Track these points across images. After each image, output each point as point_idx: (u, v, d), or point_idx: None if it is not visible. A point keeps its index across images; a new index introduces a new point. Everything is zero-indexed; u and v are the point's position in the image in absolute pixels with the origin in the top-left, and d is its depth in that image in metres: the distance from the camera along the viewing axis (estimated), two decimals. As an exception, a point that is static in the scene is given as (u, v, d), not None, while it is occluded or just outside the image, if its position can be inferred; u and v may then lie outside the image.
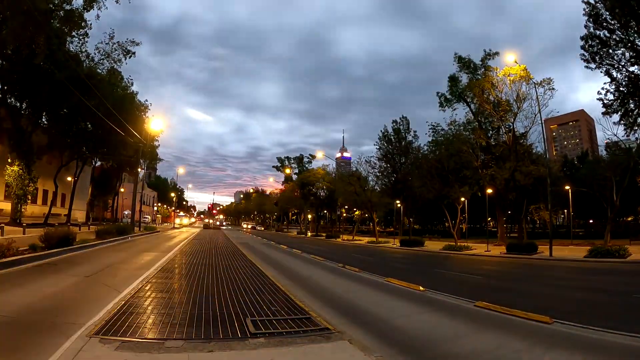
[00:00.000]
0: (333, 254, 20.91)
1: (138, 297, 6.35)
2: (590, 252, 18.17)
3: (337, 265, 14.48)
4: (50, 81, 24.91)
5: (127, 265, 10.76)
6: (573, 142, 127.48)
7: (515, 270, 14.79)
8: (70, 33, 25.35)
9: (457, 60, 30.46)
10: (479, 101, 27.13)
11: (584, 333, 5.36)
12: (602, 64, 24.07)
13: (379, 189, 44.40)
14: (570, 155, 65.33)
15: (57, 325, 4.66)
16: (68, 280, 7.74)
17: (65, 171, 37.40)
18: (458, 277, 12.76)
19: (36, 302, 5.80)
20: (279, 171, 76.25)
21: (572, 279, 12.40)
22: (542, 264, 17.65)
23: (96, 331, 4.38)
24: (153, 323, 4.91)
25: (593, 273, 13.83)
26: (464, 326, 5.76)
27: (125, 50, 28.79)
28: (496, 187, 27.01)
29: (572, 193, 29.29)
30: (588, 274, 13.58)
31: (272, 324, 5.15)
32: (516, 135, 26.35)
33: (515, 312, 6.41)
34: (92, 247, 14.50)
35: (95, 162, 43.96)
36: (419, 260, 19.55)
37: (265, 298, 6.88)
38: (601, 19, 23.30)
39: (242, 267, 11.71)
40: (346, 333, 4.92)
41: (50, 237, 11.72)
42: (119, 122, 25.93)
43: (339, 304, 7.28)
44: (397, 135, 39.14)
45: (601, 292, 9.62)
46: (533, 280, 12.29)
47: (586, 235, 31.48)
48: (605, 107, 24.84)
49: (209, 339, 4.41)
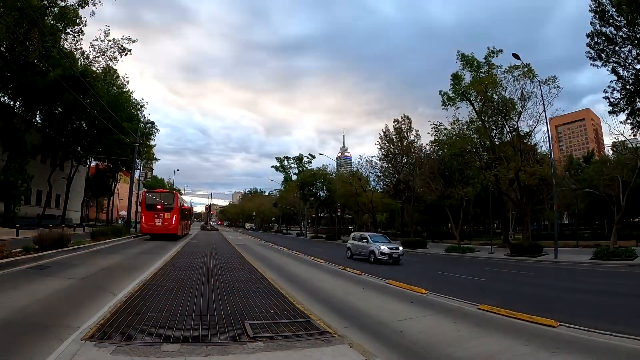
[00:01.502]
0: (333, 256, 20.90)
1: (134, 300, 6.34)
2: (596, 253, 18.18)
3: (337, 267, 14.49)
4: (45, 79, 24.92)
5: (123, 268, 10.76)
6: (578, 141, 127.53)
7: (519, 272, 14.78)
8: (65, 30, 25.36)
9: (460, 57, 30.39)
10: (483, 100, 27.12)
11: (589, 337, 5.36)
12: (609, 61, 24.10)
13: (380, 189, 44.40)
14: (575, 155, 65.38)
15: (51, 328, 4.65)
16: (62, 283, 7.73)
17: (59, 171, 37.41)
18: (461, 279, 12.76)
19: (30, 304, 5.79)
20: (278, 171, 76.39)
21: (578, 282, 12.40)
22: (547, 266, 17.66)
23: (91, 335, 4.38)
24: (149, 326, 4.90)
25: (599, 275, 13.84)
26: (467, 329, 5.76)
27: (121, 47, 28.79)
28: (500, 187, 27.01)
29: (577, 193, 29.30)
30: (594, 276, 13.58)
31: (271, 327, 5.15)
32: (520, 134, 26.35)
33: (519, 315, 6.42)
34: (87, 249, 14.48)
35: (90, 161, 43.94)
36: (421, 262, 19.55)
37: (264, 301, 6.88)
38: (607, 15, 23.33)
39: (241, 269, 11.70)
40: (347, 337, 4.91)
41: (44, 239, 11.71)
42: (114, 120, 25.94)
43: (339, 307, 7.28)
44: (398, 134, 39.08)
45: (607, 295, 9.63)
46: (538, 282, 12.28)
47: (592, 236, 31.43)
48: (611, 106, 24.87)
49: (207, 342, 4.40)
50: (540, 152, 29.67)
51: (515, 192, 26.52)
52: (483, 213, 45.42)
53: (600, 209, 30.35)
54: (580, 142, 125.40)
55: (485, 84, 25.65)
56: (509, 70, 25.19)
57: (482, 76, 27.54)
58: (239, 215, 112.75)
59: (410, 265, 17.62)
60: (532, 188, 25.64)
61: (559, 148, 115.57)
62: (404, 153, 38.43)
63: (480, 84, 26.09)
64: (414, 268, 16.61)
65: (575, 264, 17.46)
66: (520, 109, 25.45)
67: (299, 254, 21.07)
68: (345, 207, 49.13)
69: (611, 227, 23.85)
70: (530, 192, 26.23)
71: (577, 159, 53.49)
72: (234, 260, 14.42)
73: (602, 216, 34.49)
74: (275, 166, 76.25)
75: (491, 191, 28.91)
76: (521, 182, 24.51)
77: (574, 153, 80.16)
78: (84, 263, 10.89)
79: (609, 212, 24.39)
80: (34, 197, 33.99)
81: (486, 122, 28.45)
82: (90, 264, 10.85)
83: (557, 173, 28.45)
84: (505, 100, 25.82)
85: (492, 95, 26.40)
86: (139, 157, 37.63)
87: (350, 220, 60.20)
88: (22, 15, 20.50)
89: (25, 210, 30.99)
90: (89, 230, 21.65)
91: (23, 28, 21.42)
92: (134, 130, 31.60)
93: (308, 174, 59.21)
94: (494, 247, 24.86)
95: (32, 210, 33.16)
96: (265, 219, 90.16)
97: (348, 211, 53.25)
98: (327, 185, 53.81)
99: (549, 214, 33.83)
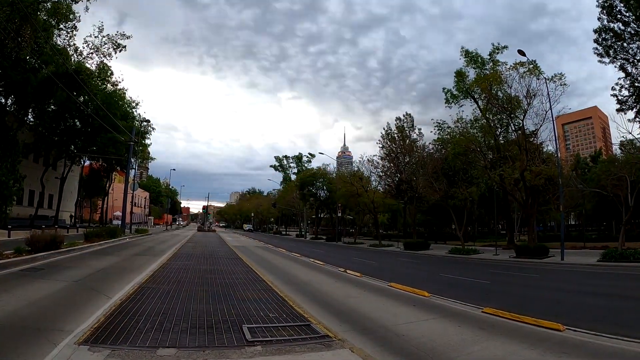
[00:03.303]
0: (333, 257, 20.92)
1: (129, 303, 6.35)
2: (603, 255, 18.15)
3: (337, 269, 14.49)
4: (37, 76, 24.92)
5: (118, 270, 10.76)
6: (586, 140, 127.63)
7: (525, 274, 14.78)
8: (58, 26, 25.36)
9: (463, 54, 30.49)
10: (487, 97, 27.12)
11: (597, 341, 5.36)
12: (617, 58, 24.10)
13: (382, 189, 44.39)
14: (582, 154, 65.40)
15: (44, 332, 4.65)
16: (55, 285, 7.74)
17: (52, 171, 37.42)
18: (465, 282, 12.77)
19: (22, 308, 5.80)
20: (277, 171, 76.38)
21: (585, 284, 12.39)
22: (553, 268, 17.65)
23: (85, 339, 4.38)
24: (144, 330, 4.91)
25: (607, 278, 13.83)
26: (471, 333, 5.76)
27: (115, 44, 28.81)
28: (505, 187, 27.00)
29: (584, 194, 29.28)
30: (601, 279, 13.57)
31: (270, 331, 5.15)
32: (526, 133, 26.33)
33: (525, 318, 6.42)
34: (80, 251, 14.50)
35: (84, 161, 43.94)
36: (424, 265, 19.56)
37: (263, 304, 6.89)
38: (615, 10, 23.32)
39: (239, 271, 11.72)
40: (347, 341, 4.92)
41: (37, 240, 11.73)
42: (108, 119, 25.93)
43: (340, 311, 7.28)
44: (401, 133, 39.07)
45: (615, 298, 9.62)
46: (544, 285, 12.29)
47: (600, 238, 31.42)
48: (619, 104, 24.86)
49: (204, 347, 4.41)
50: (546, 151, 29.67)
51: (521, 192, 26.48)
52: (487, 214, 45.45)
53: (608, 209, 30.36)
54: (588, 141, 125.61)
55: (489, 81, 25.64)
56: (514, 67, 25.19)
57: (486, 73, 27.57)
58: (236, 216, 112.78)
59: (413, 267, 17.63)
60: (538, 188, 25.58)
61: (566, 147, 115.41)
62: (407, 152, 38.41)
63: (484, 81, 26.09)
64: (417, 270, 16.61)
65: (582, 266, 17.45)
66: (526, 107, 25.42)
67: (299, 255, 21.07)
68: (346, 207, 49.13)
69: (619, 228, 23.85)
70: (536, 192, 26.17)
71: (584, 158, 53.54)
72: (232, 262, 14.43)
73: (610, 217, 34.52)
74: (274, 165, 76.32)
75: (496, 191, 28.90)
76: (527, 182, 24.47)
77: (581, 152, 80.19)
78: (78, 265, 10.90)
79: (617, 212, 24.39)
80: (26, 197, 34.01)
81: (491, 121, 28.43)
82: (84, 266, 10.85)
83: (564, 173, 28.39)
84: (511, 97, 25.80)
85: (497, 92, 26.38)
86: (134, 156, 37.66)
87: (351, 221, 60.18)
88: (14, 10, 20.49)
89: (17, 211, 31.00)
90: (82, 231, 21.67)
91: (15, 24, 21.41)
92: (129, 128, 31.62)
93: (308, 174, 59.26)
94: (498, 249, 24.85)
95: (25, 210, 33.17)
96: (264, 220, 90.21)
97: (349, 212, 53.23)
98: (327, 185, 53.84)
99: (555, 214, 33.86)
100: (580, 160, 49.57)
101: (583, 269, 16.71)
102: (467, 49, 30.47)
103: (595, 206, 34.35)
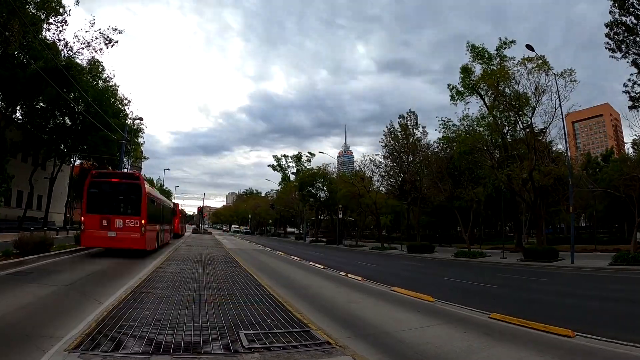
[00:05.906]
0: (334, 260, 20.93)
1: (121, 308, 6.35)
2: (615, 258, 18.15)
3: (338, 273, 14.50)
4: (26, 72, 24.92)
5: (110, 274, 10.76)
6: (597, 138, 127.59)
7: (533, 278, 14.78)
8: (47, 20, 25.38)
9: (469, 49, 30.42)
10: (494, 94, 27.08)
11: (608, 347, 5.36)
12: (629, 53, 24.09)
13: (384, 190, 44.35)
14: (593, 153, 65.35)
15: (33, 338, 4.65)
16: (45, 290, 7.74)
17: (41, 170, 37.40)
18: (471, 286, 12.77)
19: (10, 313, 5.80)
20: (275, 170, 76.32)
21: (596, 288, 12.39)
22: (563, 271, 17.66)
23: (75, 345, 4.37)
24: (137, 336, 4.90)
25: (618, 282, 13.82)
26: (477, 340, 5.76)
27: (107, 38, 28.83)
28: (513, 188, 26.98)
29: (595, 194, 29.27)
30: (613, 283, 13.57)
31: (268, 337, 5.15)
32: (535, 131, 26.29)
33: (534, 324, 6.42)
34: (71, 254, 14.49)
35: (75, 160, 43.91)
36: (429, 268, 19.56)
37: (261, 309, 6.89)
38: (627, 3, 23.30)
39: (236, 275, 11.71)
40: (349, 348, 4.91)
41: (25, 243, 11.74)
42: (100, 116, 25.89)
43: (340, 316, 7.28)
44: (404, 131, 38.98)
45: (627, 303, 9.62)
46: (553, 289, 12.29)
47: (611, 240, 31.41)
48: (632, 101, 24.83)
49: (199, 354, 4.40)
50: (556, 150, 29.64)
51: (529, 192, 26.46)
52: (494, 215, 45.40)
53: (620, 210, 30.28)
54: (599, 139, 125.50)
55: (496, 77, 25.60)
56: (522, 63, 25.16)
57: (493, 69, 27.53)
58: (233, 218, 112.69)
59: (417, 271, 17.63)
60: (547, 188, 25.60)
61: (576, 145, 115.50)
62: (410, 151, 38.36)
63: (491, 77, 26.03)
64: (421, 274, 16.61)
65: (593, 269, 17.45)
66: (534, 104, 25.39)
67: (298, 259, 21.07)
68: (347, 208, 49.11)
69: (632, 230, 23.84)
70: (545, 192, 26.20)
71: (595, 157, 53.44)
72: (229, 266, 14.43)
73: (622, 219, 34.44)
74: (273, 165, 76.21)
75: (503, 192, 28.85)
76: (535, 182, 24.46)
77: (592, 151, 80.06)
78: (68, 269, 10.90)
79: (630, 214, 24.33)
80: (14, 198, 34.02)
81: (498, 118, 28.38)
82: (75, 269, 10.86)
83: (574, 172, 28.38)
84: (518, 94, 25.76)
85: (504, 89, 26.34)
86: (127, 155, 37.62)
87: (353, 223, 60.15)
88: (2, 3, 20.51)
89: (5, 212, 31.04)
90: (73, 233, 21.63)
91: (2, 17, 21.43)
92: (121, 126, 31.59)
93: (307, 174, 59.22)
94: (506, 252, 24.84)
95: (13, 212, 33.18)
96: (262, 222, 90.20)
97: (350, 213, 53.21)
98: (327, 186, 53.79)
99: (565, 216, 33.80)
100: (591, 160, 49.45)
101: (594, 272, 16.71)
102: (472, 43, 30.43)
103: (606, 207, 34.32)
